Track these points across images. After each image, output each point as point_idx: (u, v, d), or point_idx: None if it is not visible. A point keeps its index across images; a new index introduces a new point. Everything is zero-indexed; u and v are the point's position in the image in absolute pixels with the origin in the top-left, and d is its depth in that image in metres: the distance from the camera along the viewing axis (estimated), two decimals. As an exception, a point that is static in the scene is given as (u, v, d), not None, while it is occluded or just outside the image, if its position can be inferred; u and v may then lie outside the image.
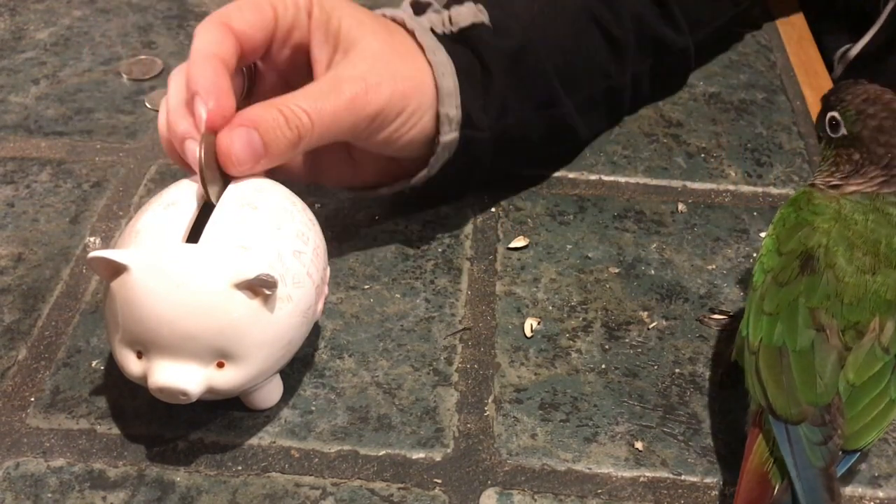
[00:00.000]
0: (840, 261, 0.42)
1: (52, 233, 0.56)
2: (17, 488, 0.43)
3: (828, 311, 0.42)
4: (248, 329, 0.41)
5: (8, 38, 0.72)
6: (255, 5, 0.47)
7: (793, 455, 0.40)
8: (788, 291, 0.43)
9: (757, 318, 0.43)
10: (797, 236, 0.44)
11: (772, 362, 0.42)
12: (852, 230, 0.43)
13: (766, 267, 0.44)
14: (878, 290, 0.42)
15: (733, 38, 0.74)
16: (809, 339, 0.41)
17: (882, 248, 0.43)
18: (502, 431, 0.46)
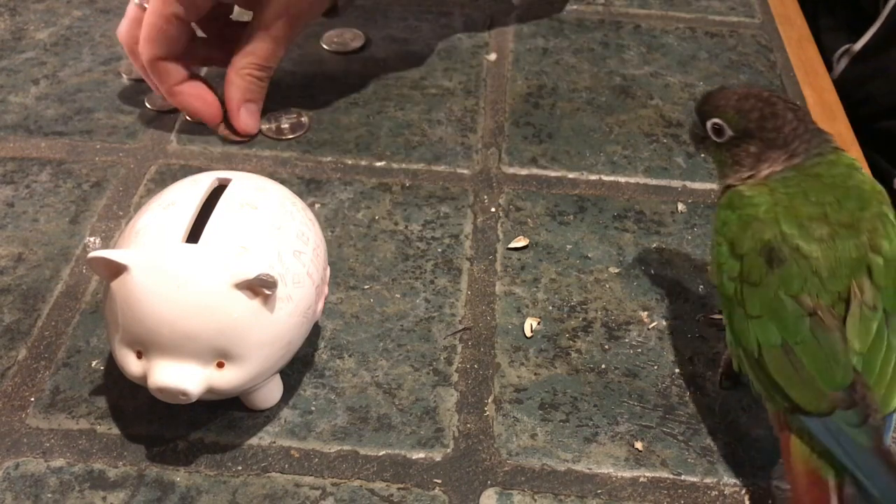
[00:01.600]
0: (799, 242, 0.42)
1: (52, 233, 0.56)
2: (17, 488, 0.43)
3: (811, 294, 0.41)
4: (248, 329, 0.41)
5: (8, 38, 0.72)
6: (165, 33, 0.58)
7: (840, 445, 0.39)
8: (765, 289, 0.42)
9: (743, 325, 0.43)
10: (748, 234, 0.43)
11: (780, 363, 0.41)
12: (796, 207, 0.43)
13: (730, 274, 0.43)
14: (844, 254, 0.42)
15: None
16: (807, 327, 0.41)
17: (830, 213, 0.43)
18: (502, 431, 0.46)
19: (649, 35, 0.75)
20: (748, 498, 0.44)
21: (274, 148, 0.63)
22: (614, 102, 0.68)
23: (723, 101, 0.46)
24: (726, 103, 0.46)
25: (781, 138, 0.45)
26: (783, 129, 0.45)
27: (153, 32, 0.58)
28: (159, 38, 0.58)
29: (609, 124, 0.66)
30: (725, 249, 0.44)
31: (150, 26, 0.57)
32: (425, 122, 0.65)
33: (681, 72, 0.71)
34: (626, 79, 0.70)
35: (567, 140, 0.64)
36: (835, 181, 0.44)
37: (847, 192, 0.43)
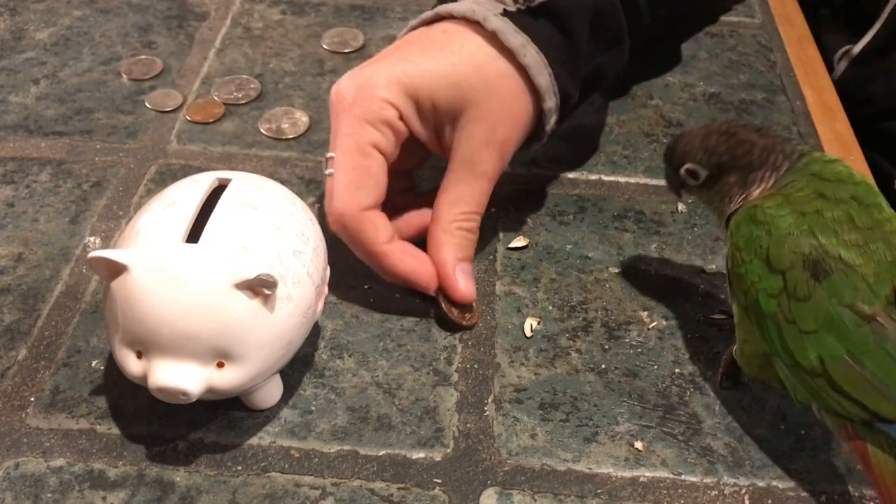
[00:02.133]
0: (841, 251, 0.42)
1: (52, 233, 0.56)
2: (17, 488, 0.43)
3: (864, 300, 0.41)
4: (248, 329, 0.41)
5: (8, 38, 0.72)
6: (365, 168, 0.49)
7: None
8: (816, 303, 0.41)
9: (798, 342, 0.42)
10: (786, 249, 0.42)
11: (849, 374, 0.40)
12: (821, 213, 0.43)
13: (770, 291, 0.42)
14: (881, 257, 0.42)
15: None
16: (870, 335, 0.40)
17: (854, 216, 0.42)
18: (502, 431, 0.46)
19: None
20: (748, 498, 0.44)
21: (274, 148, 0.63)
22: (614, 102, 0.68)
23: (688, 146, 0.47)
24: (692, 147, 0.47)
25: (757, 159, 0.45)
26: (754, 151, 0.45)
27: (354, 176, 0.48)
28: (362, 180, 0.49)
29: (609, 124, 0.66)
30: (759, 267, 0.43)
31: (349, 170, 0.48)
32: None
33: (681, 72, 0.71)
34: (626, 79, 0.70)
35: (567, 140, 0.64)
36: (839, 176, 0.44)
37: (856, 188, 0.43)
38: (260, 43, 0.72)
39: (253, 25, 0.74)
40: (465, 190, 0.50)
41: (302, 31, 0.74)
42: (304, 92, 0.67)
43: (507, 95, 0.50)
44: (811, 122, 0.67)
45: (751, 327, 0.44)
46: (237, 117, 0.65)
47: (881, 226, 0.42)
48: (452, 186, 0.51)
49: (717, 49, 0.74)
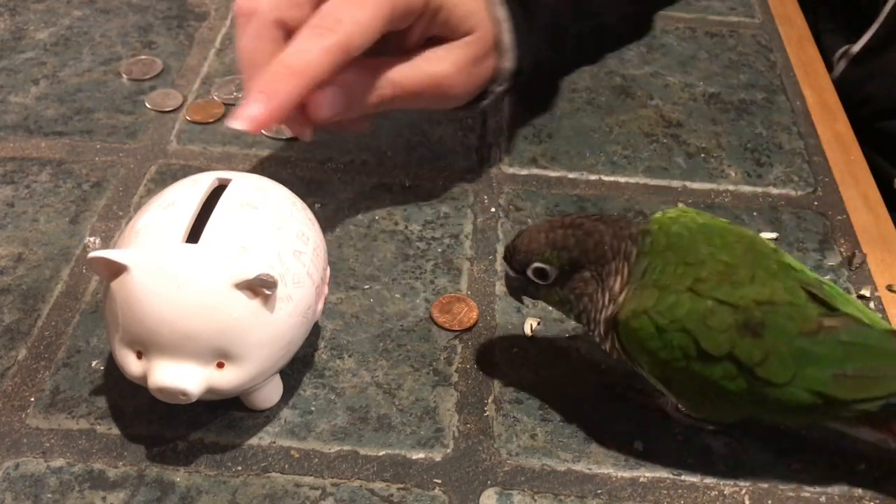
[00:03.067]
0: (749, 297, 0.40)
1: (52, 233, 0.56)
2: (16, 488, 0.43)
3: (802, 320, 0.40)
4: (248, 329, 0.41)
5: (8, 38, 0.72)
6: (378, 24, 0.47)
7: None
8: (776, 355, 0.40)
9: (784, 394, 0.40)
10: (714, 333, 0.40)
11: (849, 384, 0.40)
12: (708, 282, 0.41)
13: (728, 376, 0.40)
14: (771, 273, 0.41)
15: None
16: (834, 343, 0.40)
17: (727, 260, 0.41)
18: (502, 431, 0.46)
19: (649, 35, 0.75)
20: (748, 498, 0.44)
21: (274, 148, 0.63)
22: (614, 102, 0.68)
23: (532, 243, 0.43)
24: (537, 245, 0.43)
25: (609, 250, 0.42)
26: (604, 242, 0.42)
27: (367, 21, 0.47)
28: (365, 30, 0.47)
29: (609, 124, 0.66)
30: (700, 365, 0.41)
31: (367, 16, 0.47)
32: (425, 122, 0.65)
33: (681, 72, 0.71)
34: (626, 79, 0.70)
35: (567, 140, 0.64)
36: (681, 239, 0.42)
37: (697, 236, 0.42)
38: (260, 43, 0.72)
39: (253, 25, 0.74)
40: (408, 72, 0.51)
41: (302, 31, 0.74)
42: (304, 92, 0.67)
43: (489, 41, 0.53)
44: (811, 122, 0.67)
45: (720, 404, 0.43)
46: (237, 117, 0.65)
47: (741, 246, 0.42)
48: (401, 62, 0.51)
49: (717, 49, 0.74)
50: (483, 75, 0.54)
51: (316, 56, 0.46)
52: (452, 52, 0.52)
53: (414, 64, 0.51)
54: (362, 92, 0.49)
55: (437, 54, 0.52)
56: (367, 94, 0.50)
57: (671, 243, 0.42)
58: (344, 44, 0.46)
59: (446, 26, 0.52)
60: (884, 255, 0.56)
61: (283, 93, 0.45)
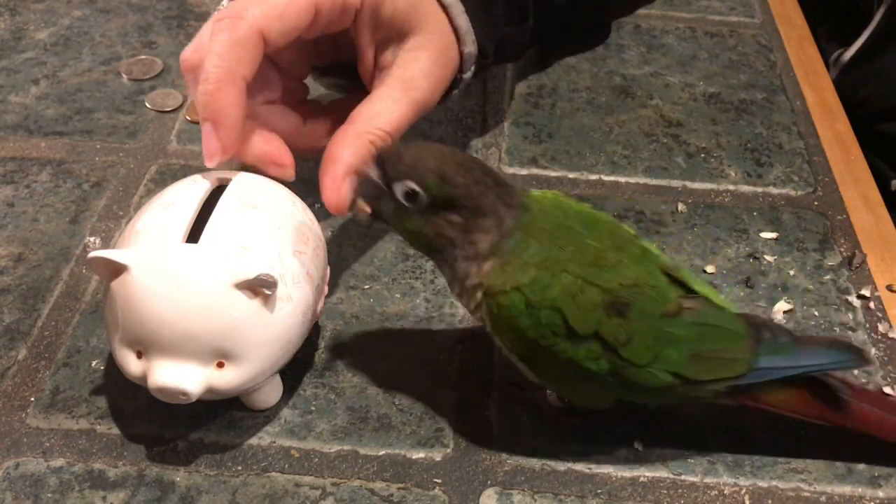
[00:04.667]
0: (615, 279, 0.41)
1: (52, 233, 0.56)
2: (17, 488, 0.43)
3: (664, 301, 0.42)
4: (248, 329, 0.41)
5: (8, 38, 0.72)
6: (297, 9, 0.45)
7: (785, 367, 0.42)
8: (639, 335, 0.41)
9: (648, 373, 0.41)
10: (582, 312, 0.40)
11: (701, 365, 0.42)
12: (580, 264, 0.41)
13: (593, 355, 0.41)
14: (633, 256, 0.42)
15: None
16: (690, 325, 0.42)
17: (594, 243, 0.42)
18: (502, 431, 0.46)
19: (649, 35, 0.75)
20: (748, 498, 0.44)
21: (274, 148, 0.63)
22: (614, 102, 0.68)
23: (419, 162, 0.41)
24: (423, 166, 0.40)
25: (489, 206, 0.41)
26: (488, 196, 0.41)
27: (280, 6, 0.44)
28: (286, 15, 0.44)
29: (609, 124, 0.66)
30: (567, 343, 0.41)
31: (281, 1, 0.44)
32: (425, 122, 0.65)
33: (681, 72, 0.71)
34: (626, 79, 0.70)
35: (567, 140, 0.64)
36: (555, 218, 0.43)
37: (567, 219, 0.43)
38: (260, 43, 0.72)
39: (253, 25, 0.74)
40: (392, 107, 0.47)
41: (302, 31, 0.74)
42: (304, 92, 0.67)
43: (445, 33, 0.51)
44: (811, 122, 0.67)
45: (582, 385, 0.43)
46: (237, 117, 0.65)
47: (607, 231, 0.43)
48: (381, 99, 0.48)
49: (717, 49, 0.74)
50: (449, 70, 0.52)
51: (228, 51, 0.43)
52: (417, 63, 0.49)
53: (389, 98, 0.48)
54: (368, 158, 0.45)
55: (403, 75, 0.49)
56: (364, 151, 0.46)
57: (547, 224, 0.42)
58: (257, 27, 0.44)
59: (394, 24, 0.49)
60: (884, 255, 0.56)
61: (224, 107, 0.43)
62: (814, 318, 0.52)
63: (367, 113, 0.47)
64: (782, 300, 0.53)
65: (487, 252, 0.41)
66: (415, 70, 0.49)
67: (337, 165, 0.45)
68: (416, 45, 0.49)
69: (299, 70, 0.53)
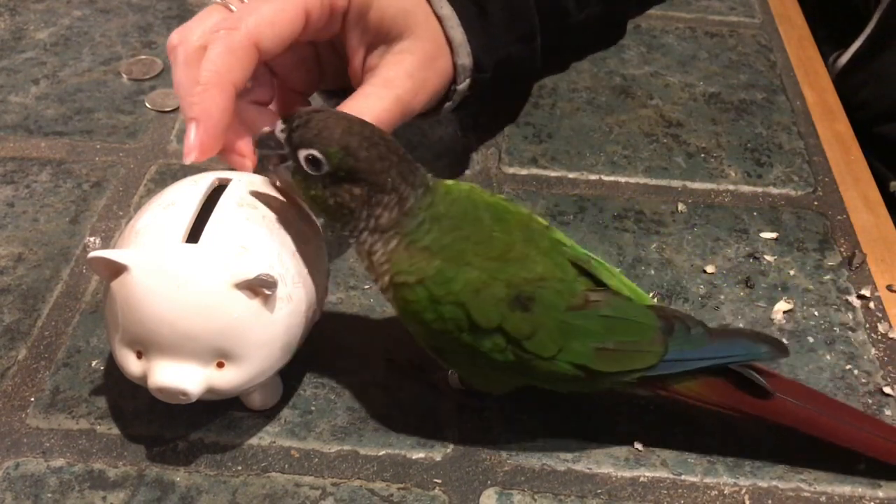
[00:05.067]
0: (520, 273, 0.41)
1: (52, 233, 0.56)
2: (17, 488, 0.43)
3: (570, 295, 0.42)
4: (248, 329, 0.41)
5: (8, 38, 0.72)
6: (288, 17, 0.46)
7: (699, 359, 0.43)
8: (543, 329, 0.41)
9: (551, 367, 0.41)
10: (487, 306, 0.40)
11: (607, 357, 0.42)
12: (485, 257, 0.41)
13: (497, 348, 0.41)
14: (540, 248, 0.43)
15: None
16: (597, 318, 0.42)
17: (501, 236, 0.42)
18: (502, 431, 0.46)
19: (649, 35, 0.75)
20: (748, 498, 0.44)
21: (274, 148, 0.63)
22: (614, 102, 0.68)
23: (325, 131, 0.41)
24: (329, 135, 0.41)
25: (390, 182, 0.41)
26: (391, 172, 0.41)
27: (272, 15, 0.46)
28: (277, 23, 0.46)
29: (609, 124, 0.66)
30: (470, 336, 0.41)
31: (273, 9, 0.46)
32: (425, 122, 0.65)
33: (681, 72, 0.71)
34: (626, 79, 0.70)
35: (567, 140, 0.64)
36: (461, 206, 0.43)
37: (475, 210, 0.43)
38: (260, 43, 0.72)
39: (253, 25, 0.74)
40: (373, 104, 0.48)
41: (302, 31, 0.74)
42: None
43: (438, 41, 0.52)
44: (811, 122, 0.67)
45: (489, 374, 0.44)
46: (237, 117, 0.65)
47: (517, 224, 0.43)
48: (361, 98, 0.49)
49: (717, 49, 0.74)
50: (438, 77, 0.52)
51: (221, 59, 0.45)
52: (401, 64, 0.50)
53: (371, 95, 0.49)
54: None
55: (386, 74, 0.50)
56: None
57: (454, 212, 0.42)
58: (251, 36, 0.45)
59: (382, 28, 0.49)
60: (884, 255, 0.56)
61: (210, 109, 0.44)
62: (814, 318, 0.52)
63: (348, 107, 0.48)
64: (782, 300, 0.53)
65: (387, 227, 0.42)
66: (398, 70, 0.50)
67: None
68: (403, 49, 0.50)
69: (300, 83, 0.54)
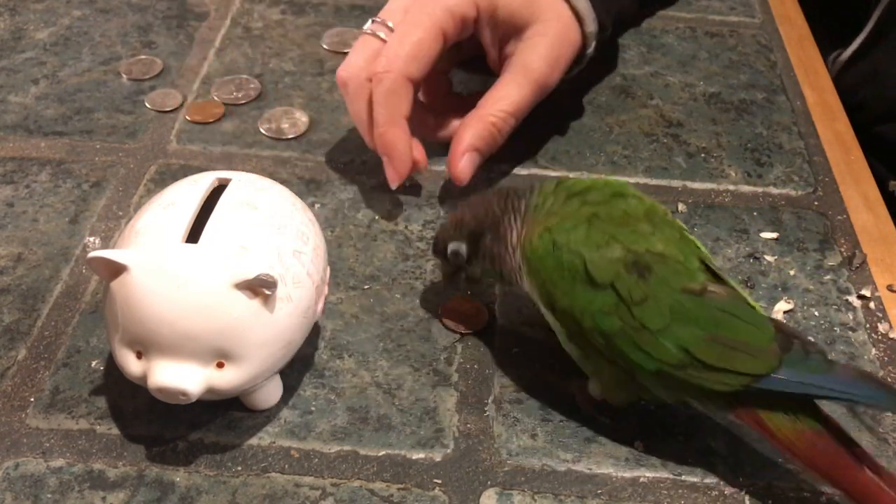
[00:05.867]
0: (643, 244, 0.42)
1: (52, 233, 0.56)
2: (16, 488, 0.43)
3: (689, 279, 0.41)
4: (248, 329, 0.41)
5: (8, 38, 0.72)
6: (428, 45, 0.54)
7: (809, 385, 0.40)
8: (655, 299, 0.41)
9: (655, 342, 0.41)
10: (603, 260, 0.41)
11: (715, 352, 0.40)
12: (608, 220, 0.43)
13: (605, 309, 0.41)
14: (671, 237, 0.43)
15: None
16: (715, 308, 0.41)
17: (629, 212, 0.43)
18: (502, 431, 0.46)
19: (649, 35, 0.75)
20: (748, 498, 0.44)
21: (274, 148, 0.63)
22: (614, 102, 0.68)
23: (442, 232, 0.48)
24: (445, 231, 0.48)
25: (498, 209, 0.46)
26: (492, 204, 0.47)
27: (416, 47, 0.53)
28: (421, 53, 0.54)
29: (609, 124, 0.66)
30: (583, 290, 0.42)
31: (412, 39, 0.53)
32: (425, 122, 0.65)
33: (681, 72, 0.71)
34: (626, 79, 0.70)
35: (567, 140, 0.64)
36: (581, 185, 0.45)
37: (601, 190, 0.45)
38: (260, 43, 0.72)
39: (253, 25, 0.74)
40: (514, 90, 0.56)
41: (302, 30, 0.74)
42: (304, 92, 0.67)
43: (564, 17, 0.57)
44: (811, 122, 0.67)
45: (598, 360, 0.43)
46: (237, 117, 0.65)
47: (643, 209, 0.44)
48: (504, 85, 0.57)
49: (717, 49, 0.74)
50: (572, 50, 0.58)
51: (388, 100, 0.53)
52: (535, 48, 0.56)
53: (511, 82, 0.56)
54: (489, 138, 0.56)
55: (522, 60, 0.56)
56: (494, 138, 0.56)
57: (562, 186, 0.46)
58: (404, 74, 0.53)
59: (511, 21, 0.56)
60: (884, 255, 0.56)
61: (395, 144, 0.54)
62: (814, 318, 0.52)
63: (491, 98, 0.56)
64: (782, 300, 0.53)
65: (518, 238, 0.46)
66: (533, 55, 0.56)
67: (458, 144, 0.55)
68: (534, 33, 0.56)
69: (442, 66, 0.59)
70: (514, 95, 0.56)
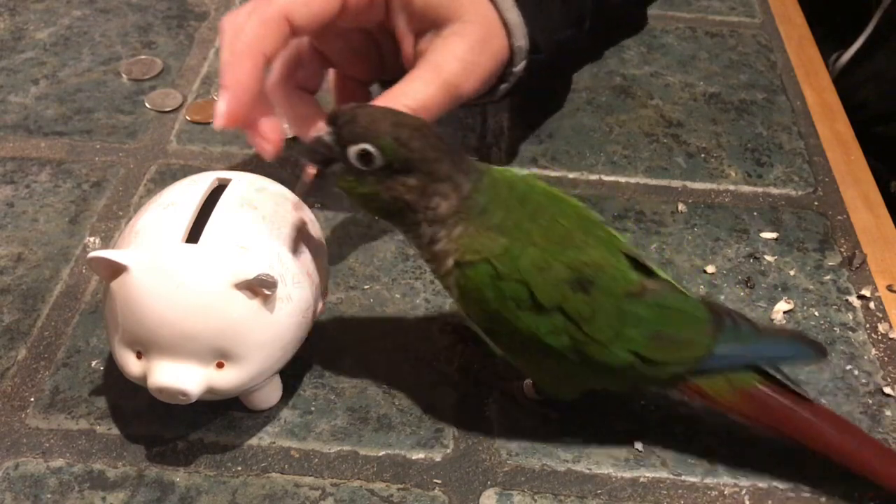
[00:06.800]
0: (580, 257, 0.41)
1: (52, 233, 0.56)
2: (16, 488, 0.43)
3: (626, 282, 0.42)
4: (248, 329, 0.41)
5: (8, 38, 0.72)
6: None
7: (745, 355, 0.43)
8: (602, 312, 0.41)
9: (606, 351, 0.41)
10: (549, 285, 0.40)
11: (661, 347, 0.42)
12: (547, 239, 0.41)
13: (554, 329, 0.41)
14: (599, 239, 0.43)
15: None
16: (654, 306, 0.42)
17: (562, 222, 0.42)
18: (502, 431, 0.46)
19: (649, 35, 0.75)
20: (748, 498, 0.44)
21: (274, 148, 0.62)
22: (614, 102, 0.68)
23: (374, 124, 0.40)
24: (379, 128, 0.40)
25: (444, 170, 0.41)
26: (443, 161, 0.41)
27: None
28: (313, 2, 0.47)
29: (609, 124, 0.66)
30: (530, 316, 0.41)
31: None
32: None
33: (681, 72, 0.71)
34: (626, 79, 0.70)
35: (567, 140, 0.64)
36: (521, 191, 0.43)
37: (551, 197, 0.44)
38: (260, 43, 0.72)
39: (253, 25, 0.74)
40: (419, 87, 0.49)
41: (302, 31, 0.74)
42: (304, 92, 0.67)
43: (490, 23, 0.52)
44: (811, 122, 0.67)
45: (539, 363, 0.44)
46: (237, 117, 0.65)
47: (575, 214, 0.44)
48: (410, 81, 0.49)
49: (717, 49, 0.74)
50: (493, 62, 0.52)
51: (254, 30, 0.46)
52: (450, 48, 0.50)
53: (418, 79, 0.49)
54: None
55: (435, 58, 0.50)
56: None
57: (515, 195, 0.42)
58: (282, 10, 0.46)
59: (428, 13, 0.50)
60: (884, 255, 0.56)
61: (239, 77, 0.46)
62: (814, 318, 0.52)
63: (392, 91, 0.49)
64: (782, 300, 0.53)
65: (448, 215, 0.41)
66: (446, 54, 0.50)
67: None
68: (452, 32, 0.50)
69: (359, 72, 0.56)
70: (418, 92, 0.49)
